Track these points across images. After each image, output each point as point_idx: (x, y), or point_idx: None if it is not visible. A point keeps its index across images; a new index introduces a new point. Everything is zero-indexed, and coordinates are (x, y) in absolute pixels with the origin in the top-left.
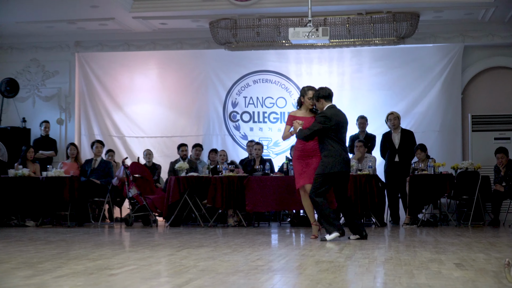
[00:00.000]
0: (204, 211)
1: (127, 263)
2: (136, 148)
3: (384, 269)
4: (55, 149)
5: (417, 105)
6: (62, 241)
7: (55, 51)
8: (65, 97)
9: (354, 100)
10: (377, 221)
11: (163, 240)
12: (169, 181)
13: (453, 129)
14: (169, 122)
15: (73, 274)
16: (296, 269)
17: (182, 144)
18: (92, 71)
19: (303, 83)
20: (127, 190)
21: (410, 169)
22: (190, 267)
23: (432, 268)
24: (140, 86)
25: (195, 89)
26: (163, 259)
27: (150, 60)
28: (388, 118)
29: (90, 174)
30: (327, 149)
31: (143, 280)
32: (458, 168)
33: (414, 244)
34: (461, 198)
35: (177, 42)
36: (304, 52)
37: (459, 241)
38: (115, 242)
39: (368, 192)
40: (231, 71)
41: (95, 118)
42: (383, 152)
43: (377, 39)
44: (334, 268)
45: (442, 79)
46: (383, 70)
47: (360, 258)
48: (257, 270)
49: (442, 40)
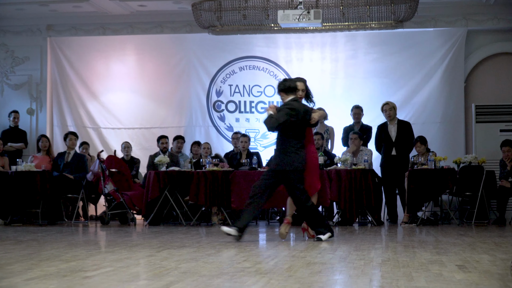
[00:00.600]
0: (186, 208)
1: (103, 265)
2: (113, 140)
3: (381, 271)
4: (25, 142)
5: (416, 94)
6: (33, 241)
7: (25, 36)
8: (36, 85)
9: (349, 89)
10: (373, 219)
11: (141, 240)
12: (148, 176)
13: (456, 120)
14: (148, 112)
15: (45, 277)
16: (286, 271)
17: (162, 136)
18: (65, 57)
19: (294, 70)
20: (103, 186)
21: (408, 164)
22: (171, 269)
23: (433, 270)
24: (117, 73)
25: (177, 76)
26: (142, 260)
27: (128, 45)
28: (383, 108)
29: (63, 168)
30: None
31: (120, 283)
32: (460, 162)
33: (413, 244)
34: (464, 195)
35: (156, 25)
36: (295, 37)
37: (462, 241)
38: (90, 242)
39: (363, 188)
40: (215, 57)
41: (69, 108)
42: (378, 145)
43: (373, 23)
44: (327, 270)
45: (444, 67)
46: (379, 56)
47: (355, 260)
48: (244, 272)
49: (444, 24)
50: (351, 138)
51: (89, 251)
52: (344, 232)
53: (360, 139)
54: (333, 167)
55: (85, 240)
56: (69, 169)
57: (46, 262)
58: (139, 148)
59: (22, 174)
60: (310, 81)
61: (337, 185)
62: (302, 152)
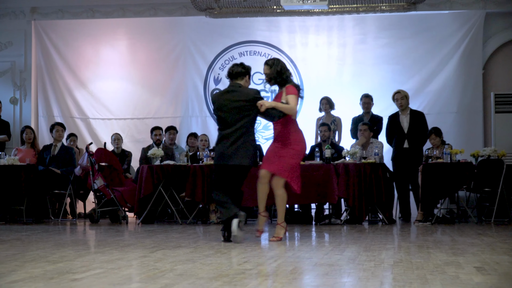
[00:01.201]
0: (182, 206)
1: (93, 266)
2: (102, 132)
3: (393, 273)
4: (8, 133)
5: (430, 82)
6: (17, 241)
7: (7, 19)
8: (19, 73)
9: (357, 76)
10: (384, 217)
11: (134, 240)
12: (141, 170)
13: (473, 110)
14: (140, 102)
15: (30, 279)
16: (290, 273)
17: (156, 127)
18: (51, 42)
19: (298, 55)
20: (92, 181)
21: (422, 157)
22: (166, 271)
23: (449, 272)
24: (107, 60)
25: (171, 63)
26: (135, 261)
27: (119, 29)
28: (395, 97)
29: (49, 162)
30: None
31: (111, 285)
32: (478, 155)
33: (427, 244)
34: (483, 191)
35: (150, 8)
36: (299, 20)
37: (480, 241)
38: (79, 241)
39: (374, 184)
40: (213, 42)
41: (55, 97)
42: (389, 137)
43: (384, 5)
44: (334, 273)
45: (460, 52)
46: (390, 41)
47: (365, 261)
48: (244, 274)
49: (460, 6)
50: (360, 129)
51: (78, 252)
52: (353, 231)
53: (370, 130)
54: (341, 161)
55: (73, 240)
56: (55, 163)
57: (31, 263)
58: (130, 141)
59: (5, 168)
60: (316, 67)
61: (345, 180)
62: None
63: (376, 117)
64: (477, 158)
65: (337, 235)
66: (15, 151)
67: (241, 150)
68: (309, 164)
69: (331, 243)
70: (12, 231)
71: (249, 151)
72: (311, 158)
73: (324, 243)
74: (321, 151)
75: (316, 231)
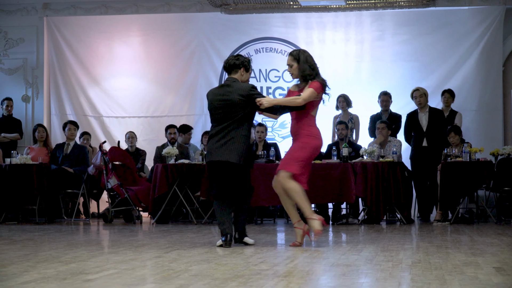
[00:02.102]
0: (197, 205)
1: (106, 267)
2: (116, 130)
3: (411, 274)
4: (20, 132)
5: (449, 79)
6: (30, 241)
7: (19, 15)
8: (31, 70)
9: (375, 73)
10: (402, 217)
11: (148, 240)
12: (155, 169)
13: (493, 108)
14: (154, 100)
15: (43, 280)
16: (306, 274)
17: (171, 125)
18: (64, 39)
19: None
20: (106, 180)
21: (441, 156)
22: (181, 271)
23: (468, 273)
24: (120, 57)
25: (186, 60)
26: (149, 262)
27: (132, 26)
28: (413, 95)
29: (62, 161)
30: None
31: (124, 286)
32: (498, 154)
33: (446, 244)
34: (502, 190)
35: (164, 3)
36: (316, 16)
37: (500, 241)
38: (92, 242)
39: (392, 183)
40: (228, 39)
41: (68, 94)
42: (408, 136)
43: (402, 1)
44: (352, 273)
45: (480, 49)
46: (409, 38)
47: (383, 261)
48: (260, 275)
49: (480, 2)
50: (378, 127)
51: (91, 252)
52: (371, 231)
53: (388, 128)
54: (359, 160)
55: (87, 240)
56: (68, 162)
57: (44, 263)
58: (144, 139)
59: (17, 167)
60: (333, 64)
61: (363, 179)
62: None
63: (395, 115)
64: (496, 157)
65: (355, 235)
66: (28, 149)
67: (229, 146)
68: (326, 163)
69: (348, 243)
70: (25, 231)
71: (239, 147)
72: (328, 157)
73: (341, 243)
74: (338, 150)
75: (333, 231)
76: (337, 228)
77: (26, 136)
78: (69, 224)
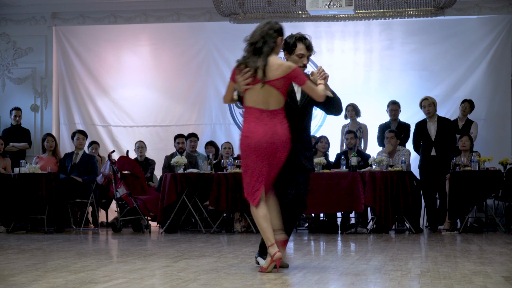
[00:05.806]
0: (206, 214)
1: (115, 276)
2: (125, 139)
3: (420, 283)
4: (28, 141)
5: (458, 88)
6: (38, 250)
7: (28, 25)
8: (40, 79)
9: (384, 82)
10: (411, 226)
11: (157, 249)
12: (164, 179)
13: (502, 117)
14: (163, 109)
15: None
16: (315, 283)
17: (179, 135)
18: (73, 48)
19: (323, 61)
20: (114, 189)
21: (450, 165)
22: (190, 281)
23: (477, 282)
24: (129, 66)
25: (195, 69)
26: (158, 271)
27: (141, 35)
28: (422, 104)
29: (71, 170)
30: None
31: None
32: (507, 163)
33: (455, 254)
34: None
35: (172, 13)
36: (325, 25)
37: (509, 250)
38: (101, 251)
39: (400, 192)
40: (237, 48)
41: (76, 104)
42: (416, 145)
43: (411, 10)
44: (360, 282)
45: (489, 58)
46: (418, 47)
47: (391, 271)
48: (269, 284)
49: (489, 11)
50: (387, 137)
51: (100, 261)
52: (379, 240)
53: (397, 138)
54: (367, 169)
55: (95, 249)
56: (77, 171)
57: (52, 273)
58: (153, 148)
59: (26, 176)
60: (342, 73)
61: (371, 188)
62: None
63: (403, 124)
64: (505, 166)
65: (363, 244)
66: (36, 159)
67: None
68: (335, 172)
69: (357, 252)
70: (33, 241)
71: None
72: (337, 166)
73: (350, 252)
74: (347, 159)
75: (342, 240)
76: (346, 237)
77: (35, 145)
78: (77, 233)
